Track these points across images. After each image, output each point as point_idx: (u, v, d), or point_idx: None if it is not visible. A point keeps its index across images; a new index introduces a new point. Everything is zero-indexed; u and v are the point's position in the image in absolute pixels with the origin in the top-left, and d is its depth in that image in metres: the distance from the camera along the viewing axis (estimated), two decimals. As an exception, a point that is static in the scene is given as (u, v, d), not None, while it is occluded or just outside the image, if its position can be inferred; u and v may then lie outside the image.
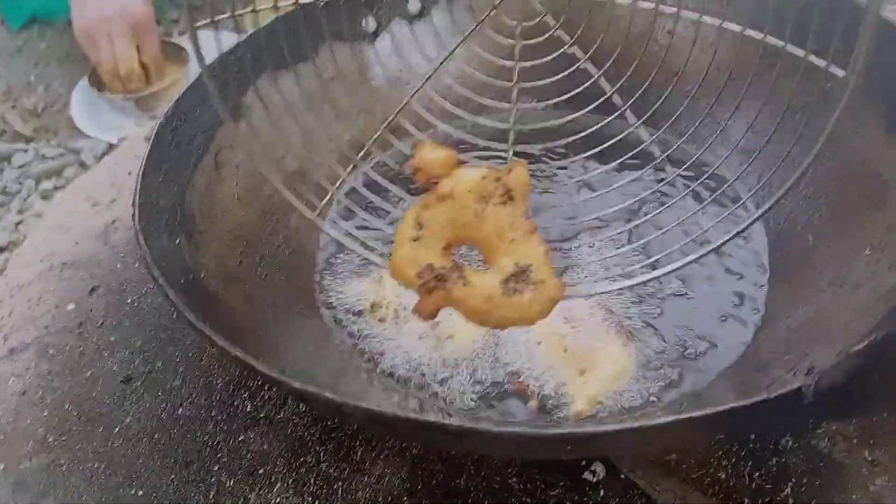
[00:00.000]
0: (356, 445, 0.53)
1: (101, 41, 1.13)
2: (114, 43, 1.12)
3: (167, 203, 0.52)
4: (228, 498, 0.51)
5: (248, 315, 0.52)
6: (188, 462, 0.52)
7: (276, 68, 0.66)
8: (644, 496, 0.49)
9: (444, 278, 0.39)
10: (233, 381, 0.57)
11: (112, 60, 1.12)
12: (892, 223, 0.51)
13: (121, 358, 0.60)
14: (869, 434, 0.50)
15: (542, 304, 0.39)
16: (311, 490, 0.51)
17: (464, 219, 0.40)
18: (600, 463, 0.51)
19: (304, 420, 0.54)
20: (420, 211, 0.41)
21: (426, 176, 0.42)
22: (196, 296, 0.47)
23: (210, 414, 0.55)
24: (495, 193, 0.40)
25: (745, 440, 0.51)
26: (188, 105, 0.58)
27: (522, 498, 0.50)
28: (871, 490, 0.48)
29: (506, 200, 0.40)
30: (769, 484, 0.49)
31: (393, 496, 0.50)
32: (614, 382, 0.49)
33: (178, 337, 0.60)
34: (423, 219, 0.41)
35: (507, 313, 0.39)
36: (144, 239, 0.46)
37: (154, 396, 0.57)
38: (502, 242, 0.40)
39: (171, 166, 0.54)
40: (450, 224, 0.41)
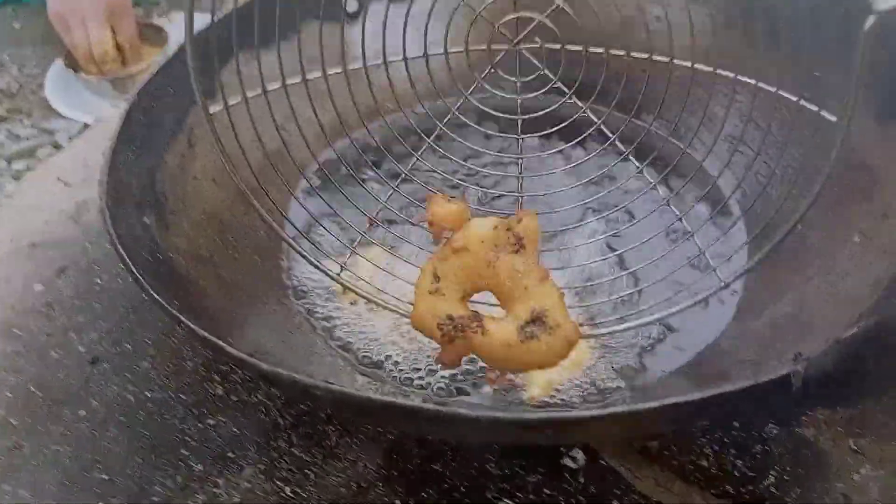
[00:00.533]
0: (330, 431, 0.51)
1: (75, 23, 1.11)
2: (88, 25, 1.10)
3: (137, 182, 0.51)
4: (197, 482, 0.49)
5: (219, 296, 0.50)
6: (156, 446, 0.51)
7: (254, 47, 0.65)
8: (624, 483, 0.48)
9: (463, 328, 0.41)
10: (203, 365, 0.55)
11: (86, 43, 1.10)
12: (881, 211, 0.50)
13: (89, 339, 0.58)
14: (855, 423, 0.50)
15: (560, 348, 0.41)
16: (282, 475, 0.49)
17: (479, 269, 0.42)
18: (580, 449, 0.50)
19: (277, 404, 0.53)
20: (436, 264, 0.43)
21: (440, 229, 0.45)
22: (164, 276, 0.46)
23: (179, 397, 0.53)
24: (507, 243, 0.42)
25: (729, 428, 0.50)
26: (161, 84, 0.56)
27: (500, 484, 0.48)
28: (854, 479, 0.47)
29: (518, 249, 0.42)
30: (753, 472, 0.48)
31: (367, 481, 0.49)
32: (572, 370, 0.47)
33: (148, 319, 0.58)
34: (440, 271, 0.43)
35: (526, 358, 0.41)
36: (111, 217, 0.45)
37: (122, 379, 0.55)
38: (517, 289, 0.42)
39: (141, 145, 0.52)
40: (466, 275, 0.43)
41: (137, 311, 0.59)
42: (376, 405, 0.33)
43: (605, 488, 0.48)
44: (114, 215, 0.45)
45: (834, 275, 0.50)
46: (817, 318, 0.47)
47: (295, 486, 0.49)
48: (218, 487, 0.49)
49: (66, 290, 0.62)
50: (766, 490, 0.47)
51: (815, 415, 0.50)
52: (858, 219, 0.51)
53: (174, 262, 0.48)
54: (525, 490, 0.48)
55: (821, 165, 0.44)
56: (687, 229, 0.53)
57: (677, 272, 0.52)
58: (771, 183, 0.56)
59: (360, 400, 0.33)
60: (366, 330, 0.54)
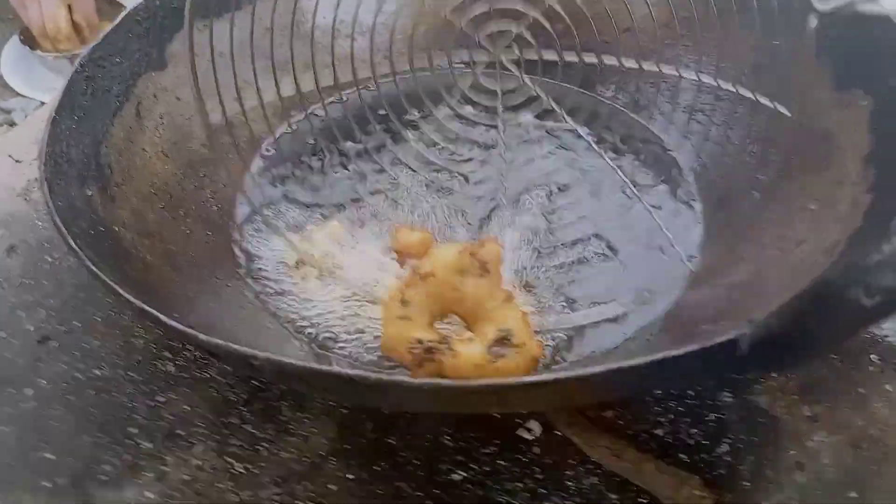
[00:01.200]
0: (283, 406, 0.51)
1: (29, 1, 1.08)
2: (42, 2, 1.07)
3: (80, 154, 0.49)
4: (145, 460, 0.48)
5: (167, 271, 0.49)
6: (103, 424, 0.50)
7: (207, 16, 0.63)
8: (579, 453, 0.48)
9: (432, 351, 0.42)
10: (154, 342, 0.54)
11: (40, 19, 1.07)
12: (837, 178, 0.50)
13: (37, 318, 0.56)
14: (808, 390, 0.50)
15: (525, 366, 0.43)
16: (233, 451, 0.48)
17: (445, 294, 0.44)
18: (536, 421, 0.49)
19: (229, 381, 0.52)
20: (404, 290, 0.45)
21: (405, 257, 0.49)
22: (107, 249, 0.45)
23: (129, 375, 0.52)
24: (471, 267, 0.44)
25: (683, 397, 0.50)
26: (106, 52, 0.54)
27: (455, 456, 0.48)
28: (808, 446, 0.47)
29: (482, 273, 0.44)
30: (706, 440, 0.48)
31: (320, 456, 0.48)
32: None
33: (97, 297, 0.57)
34: (408, 297, 0.44)
35: (495, 377, 0.42)
36: (50, 189, 0.43)
37: (71, 357, 0.54)
38: (483, 311, 0.44)
39: (85, 116, 0.51)
40: (432, 299, 0.44)
41: (87, 288, 0.58)
42: (316, 373, 0.33)
43: (561, 459, 0.48)
44: (53, 186, 0.44)
45: (790, 242, 0.49)
46: (772, 285, 0.47)
47: (246, 462, 0.48)
48: (167, 465, 0.48)
49: (14, 268, 0.60)
50: (719, 458, 0.47)
51: (769, 382, 0.50)
52: (815, 186, 0.51)
53: (119, 235, 0.47)
54: (480, 462, 0.48)
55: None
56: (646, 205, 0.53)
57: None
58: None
59: (300, 369, 0.33)
60: (318, 306, 0.53)
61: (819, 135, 0.53)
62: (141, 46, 0.58)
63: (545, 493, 0.46)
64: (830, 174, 0.50)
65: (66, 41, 1.10)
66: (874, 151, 0.47)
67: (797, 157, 0.54)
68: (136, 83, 0.56)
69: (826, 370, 0.51)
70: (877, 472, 0.46)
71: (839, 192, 0.49)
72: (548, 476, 0.47)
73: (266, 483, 0.47)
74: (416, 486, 0.47)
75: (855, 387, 0.50)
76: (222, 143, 0.61)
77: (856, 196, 0.46)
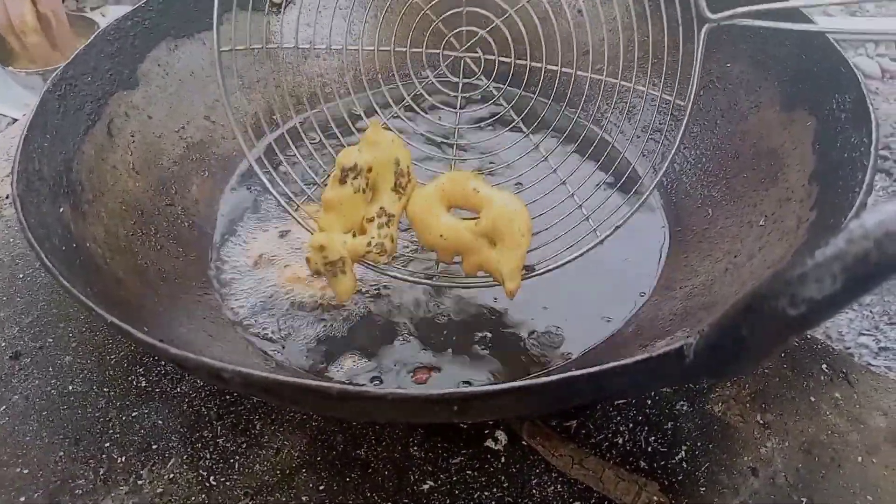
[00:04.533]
0: (255, 419, 0.52)
1: None
2: None
3: (52, 171, 0.50)
4: (119, 474, 0.49)
5: (139, 286, 0.50)
6: (78, 439, 0.50)
7: (178, 36, 0.65)
8: (544, 462, 0.49)
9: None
10: (127, 357, 0.55)
11: (4, 14, 1.06)
12: (784, 196, 0.52)
13: (10, 334, 0.57)
14: (761, 398, 0.52)
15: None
16: (206, 464, 0.49)
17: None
18: (502, 431, 0.51)
19: (202, 395, 0.53)
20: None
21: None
22: (78, 264, 0.45)
23: (102, 390, 0.53)
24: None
25: (642, 406, 0.51)
26: (78, 72, 0.55)
27: (424, 466, 0.49)
28: (761, 452, 0.49)
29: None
30: (664, 447, 0.50)
31: (291, 468, 0.49)
32: (524, 239, 0.48)
33: (70, 313, 0.58)
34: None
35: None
36: (22, 205, 0.44)
37: (44, 373, 0.54)
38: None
39: (56, 134, 0.52)
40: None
41: (60, 304, 0.59)
42: (282, 385, 0.34)
43: (526, 467, 0.49)
44: (25, 203, 0.44)
45: (740, 256, 0.52)
46: (722, 298, 0.49)
47: (219, 475, 0.49)
48: (141, 479, 0.49)
49: (-14, 285, 0.61)
50: (677, 464, 0.49)
51: (723, 391, 0.52)
52: (764, 203, 0.53)
53: (91, 251, 0.48)
54: (448, 472, 0.49)
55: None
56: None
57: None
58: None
59: (266, 381, 0.34)
60: (290, 322, 0.54)
61: (767, 153, 0.55)
62: (113, 66, 0.59)
63: (511, 501, 0.48)
64: (777, 191, 0.52)
65: (32, 34, 1.08)
66: (818, 170, 0.49)
67: (747, 174, 0.57)
68: (108, 102, 0.57)
69: (778, 379, 0.53)
70: (826, 476, 0.48)
71: (786, 209, 0.51)
72: (513, 485, 0.49)
73: (239, 495, 0.48)
74: (386, 496, 0.48)
75: (806, 395, 0.52)
76: (193, 159, 0.63)
77: (801, 212, 0.49)
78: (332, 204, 0.47)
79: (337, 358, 0.52)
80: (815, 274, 0.25)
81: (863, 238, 0.23)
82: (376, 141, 0.48)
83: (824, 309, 0.25)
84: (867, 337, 0.83)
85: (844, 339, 0.83)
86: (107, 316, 0.37)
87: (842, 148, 0.48)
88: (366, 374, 0.51)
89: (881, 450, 0.49)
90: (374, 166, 0.48)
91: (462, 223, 0.49)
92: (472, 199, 0.49)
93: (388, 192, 0.49)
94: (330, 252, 0.47)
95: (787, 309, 0.26)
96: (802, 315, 0.25)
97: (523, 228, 0.47)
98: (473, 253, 0.48)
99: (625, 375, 0.35)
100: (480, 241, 0.48)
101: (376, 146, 0.48)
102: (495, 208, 0.47)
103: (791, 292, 0.25)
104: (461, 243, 0.48)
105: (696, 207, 0.60)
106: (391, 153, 0.48)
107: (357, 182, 0.47)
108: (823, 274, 0.24)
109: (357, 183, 0.47)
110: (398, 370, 0.52)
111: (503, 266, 0.47)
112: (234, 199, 0.63)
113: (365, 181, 0.48)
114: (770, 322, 0.27)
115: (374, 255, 0.48)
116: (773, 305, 0.26)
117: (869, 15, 1.31)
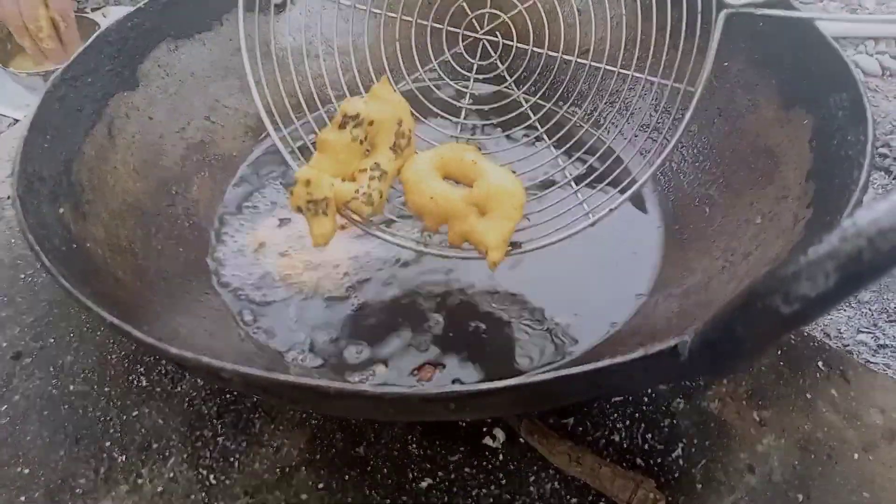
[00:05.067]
0: (255, 418, 0.52)
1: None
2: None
3: (52, 172, 0.50)
4: (120, 473, 0.49)
5: (139, 287, 0.50)
6: (78, 438, 0.51)
7: (178, 37, 0.65)
8: (541, 459, 0.49)
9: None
10: (127, 357, 0.55)
11: (18, 16, 1.06)
12: (780, 194, 0.52)
13: (11, 335, 0.57)
14: (758, 395, 0.52)
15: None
16: (206, 463, 0.50)
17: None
18: (500, 429, 0.51)
19: (202, 394, 0.53)
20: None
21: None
22: (79, 265, 0.46)
23: (103, 390, 0.53)
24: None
25: (639, 403, 0.52)
26: (78, 72, 0.55)
27: (423, 464, 0.50)
28: (758, 449, 0.50)
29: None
30: (661, 445, 0.50)
31: (291, 466, 0.50)
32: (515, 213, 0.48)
33: (71, 313, 0.58)
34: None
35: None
36: (22, 206, 0.44)
37: (45, 373, 0.55)
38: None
39: (57, 135, 0.52)
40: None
41: (61, 305, 0.59)
42: (280, 384, 0.34)
43: (524, 465, 0.50)
44: (26, 204, 0.45)
45: (737, 254, 0.52)
46: (719, 296, 0.49)
47: (219, 474, 0.49)
48: (141, 477, 0.49)
49: (-12, 285, 0.61)
50: (674, 461, 0.49)
51: (720, 389, 0.52)
52: (761, 201, 0.53)
53: (91, 251, 0.48)
54: (446, 469, 0.50)
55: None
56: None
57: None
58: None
59: (265, 379, 0.34)
60: (290, 322, 0.55)
61: (764, 152, 0.55)
62: (113, 66, 0.59)
63: (509, 498, 0.48)
64: (774, 189, 0.53)
65: (48, 39, 1.08)
66: (814, 168, 0.50)
67: (745, 172, 0.57)
68: (108, 103, 0.57)
69: (775, 376, 0.53)
70: (822, 472, 0.48)
71: (782, 207, 0.51)
72: (511, 482, 0.49)
73: (238, 493, 0.49)
74: (385, 494, 0.49)
75: (802, 392, 0.53)
76: (194, 160, 0.63)
77: (797, 210, 0.49)
78: (327, 146, 0.47)
79: (341, 353, 0.53)
80: (809, 272, 0.25)
81: (856, 236, 0.23)
82: (383, 97, 0.48)
83: (818, 306, 0.25)
84: (866, 334, 0.83)
85: (843, 337, 0.83)
86: (106, 316, 0.38)
87: (838, 146, 0.48)
88: (369, 368, 0.52)
89: (878, 446, 0.50)
90: (377, 121, 0.47)
91: (455, 190, 0.48)
92: (468, 170, 0.49)
93: (385, 150, 0.48)
94: (315, 189, 0.46)
95: (780, 306, 0.26)
96: (796, 312, 0.26)
97: (516, 202, 0.47)
98: (461, 221, 0.48)
99: (620, 373, 0.35)
100: (470, 208, 0.48)
101: (382, 102, 0.47)
102: (492, 179, 0.47)
103: (785, 290, 0.26)
104: (450, 208, 0.48)
105: (694, 206, 0.60)
106: (395, 112, 0.48)
107: (356, 132, 0.47)
108: (817, 272, 0.24)
109: (356, 132, 0.47)
110: (400, 369, 0.52)
111: (489, 236, 0.47)
112: (234, 200, 0.63)
113: (364, 133, 0.47)
114: (764, 319, 0.27)
115: (358, 203, 0.47)
116: (767, 303, 0.26)
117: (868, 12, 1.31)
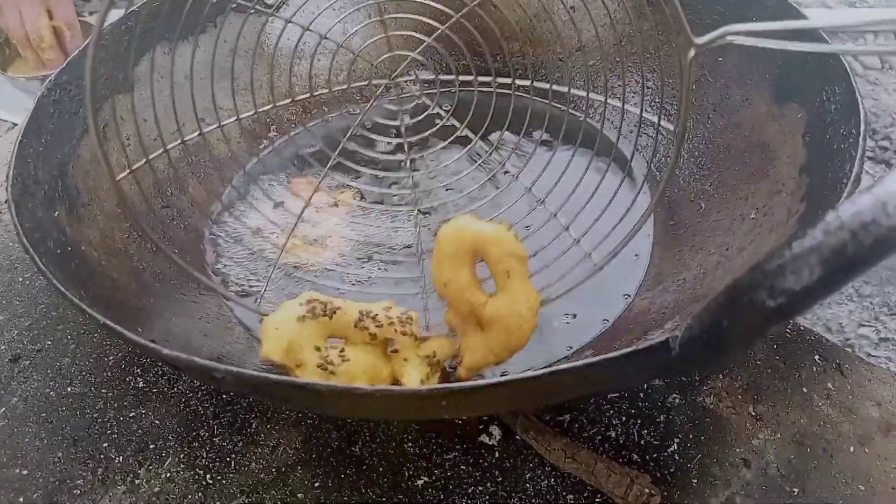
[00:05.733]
0: (251, 418, 0.52)
1: (8, 6, 1.07)
2: (22, 9, 1.06)
3: (47, 175, 0.50)
4: (117, 474, 0.49)
5: (134, 289, 0.50)
6: (76, 440, 0.51)
7: (172, 38, 0.65)
8: (537, 457, 0.50)
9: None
10: (124, 359, 0.55)
11: (21, 29, 1.06)
12: (774, 189, 0.53)
13: (9, 337, 0.58)
14: (753, 389, 0.52)
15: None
16: (203, 463, 0.50)
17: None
18: (496, 426, 0.51)
19: (198, 394, 0.53)
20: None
21: None
22: (73, 268, 0.46)
23: (100, 391, 0.54)
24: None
25: (635, 399, 0.52)
26: (72, 76, 0.56)
27: (418, 462, 0.50)
28: (753, 444, 0.50)
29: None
30: (657, 440, 0.50)
31: (287, 466, 0.50)
32: (503, 353, 0.47)
33: (69, 315, 0.58)
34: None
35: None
36: (17, 210, 0.45)
37: (43, 375, 0.55)
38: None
39: (51, 138, 0.52)
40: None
41: (58, 307, 0.59)
42: (273, 383, 0.34)
43: (520, 462, 0.50)
44: (21, 208, 0.45)
45: (732, 249, 0.52)
46: (713, 291, 0.49)
47: (215, 474, 0.50)
48: (138, 478, 0.49)
49: (-15, 289, 0.61)
50: (669, 457, 0.49)
51: (715, 383, 0.52)
52: (755, 196, 0.53)
53: (86, 254, 0.48)
54: (443, 467, 0.50)
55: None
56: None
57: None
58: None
59: (258, 380, 0.34)
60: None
61: (758, 146, 0.55)
62: (107, 70, 0.59)
63: (505, 495, 0.48)
64: (768, 184, 0.53)
65: (49, 49, 1.08)
66: (808, 162, 0.50)
67: (739, 167, 0.57)
68: (103, 106, 0.58)
69: (770, 370, 0.53)
70: (817, 466, 0.48)
71: (776, 201, 0.51)
72: (507, 479, 0.49)
73: (235, 493, 0.49)
74: (381, 492, 0.49)
75: (798, 386, 0.53)
76: (188, 162, 0.63)
77: (791, 205, 0.49)
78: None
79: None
80: (793, 265, 0.25)
81: (839, 229, 0.23)
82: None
83: (802, 300, 0.25)
84: (867, 328, 0.83)
85: (844, 331, 0.83)
86: (100, 318, 0.38)
87: (831, 139, 0.48)
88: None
89: (874, 440, 0.50)
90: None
91: (472, 292, 0.46)
92: (499, 275, 0.46)
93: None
94: (290, 353, 0.44)
95: (765, 300, 0.26)
96: (781, 306, 0.26)
97: (513, 345, 0.46)
98: (459, 319, 0.47)
99: (612, 369, 0.35)
100: (471, 319, 0.47)
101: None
102: (507, 309, 0.45)
103: (769, 284, 0.26)
104: (457, 304, 0.47)
105: (689, 201, 0.60)
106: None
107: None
108: (801, 265, 0.25)
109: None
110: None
111: (468, 356, 0.47)
112: (228, 201, 0.64)
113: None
114: (749, 313, 0.27)
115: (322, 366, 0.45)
116: (752, 297, 0.26)
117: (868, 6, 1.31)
